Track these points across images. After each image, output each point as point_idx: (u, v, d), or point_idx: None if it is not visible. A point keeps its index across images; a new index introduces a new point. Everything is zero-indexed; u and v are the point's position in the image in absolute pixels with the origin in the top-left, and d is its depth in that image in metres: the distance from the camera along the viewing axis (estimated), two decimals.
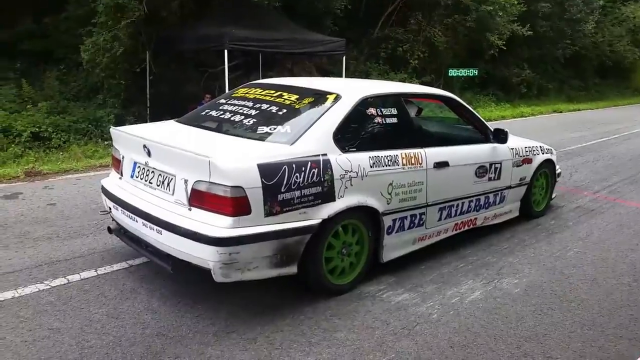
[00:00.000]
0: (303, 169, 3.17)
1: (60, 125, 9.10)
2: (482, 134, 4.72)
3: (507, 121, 15.35)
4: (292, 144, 3.28)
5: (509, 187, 4.90)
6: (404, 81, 16.23)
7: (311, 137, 3.36)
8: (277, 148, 3.24)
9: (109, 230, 3.82)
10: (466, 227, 4.56)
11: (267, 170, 3.03)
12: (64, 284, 3.54)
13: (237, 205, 2.95)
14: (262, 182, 3.00)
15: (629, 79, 30.60)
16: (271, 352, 2.82)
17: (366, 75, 16.20)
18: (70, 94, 10.64)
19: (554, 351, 2.95)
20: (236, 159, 3.06)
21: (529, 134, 12.23)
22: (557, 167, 5.71)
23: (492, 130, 4.74)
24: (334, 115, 3.54)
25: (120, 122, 10.18)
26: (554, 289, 3.76)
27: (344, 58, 11.96)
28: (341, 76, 12.15)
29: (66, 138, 8.95)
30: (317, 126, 3.44)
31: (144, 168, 3.50)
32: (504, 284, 3.81)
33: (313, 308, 3.30)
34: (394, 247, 3.86)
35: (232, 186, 2.93)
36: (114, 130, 3.87)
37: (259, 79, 13.34)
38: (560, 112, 18.91)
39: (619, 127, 14.20)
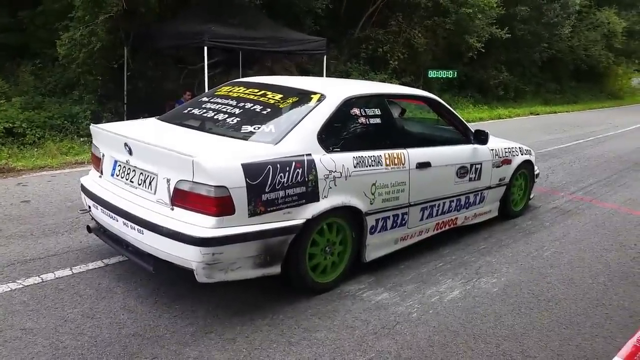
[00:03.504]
0: (287, 169, 3.15)
1: (35, 121, 8.91)
2: (463, 135, 4.77)
3: (484, 123, 15.54)
4: (276, 144, 3.25)
5: (489, 188, 4.96)
6: (384, 82, 16.27)
7: (295, 137, 3.33)
8: (261, 148, 3.21)
9: (88, 229, 3.72)
10: (447, 227, 4.59)
11: (252, 170, 3.00)
12: (38, 283, 3.45)
13: (221, 205, 2.90)
14: (246, 182, 2.96)
15: (603, 83, 31.31)
16: (250, 353, 2.78)
17: (347, 75, 16.22)
18: (46, 89, 10.42)
19: (532, 350, 2.98)
20: (220, 159, 3.02)
21: (506, 136, 12.39)
22: (536, 167, 5.82)
23: (473, 131, 4.80)
24: (318, 115, 3.52)
25: (96, 119, 10.00)
26: (532, 288, 3.80)
27: (325, 58, 11.95)
28: (322, 76, 12.15)
29: (41, 134, 8.76)
30: (302, 126, 3.41)
31: (124, 166, 3.42)
32: (482, 283, 3.84)
33: (293, 308, 3.28)
34: (377, 246, 3.87)
35: (216, 186, 2.89)
36: (94, 128, 3.78)
37: (239, 76, 13.30)
38: (537, 114, 19.23)
39: (594, 129, 14.50)
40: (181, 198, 3.00)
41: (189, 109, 4.02)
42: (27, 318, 3.01)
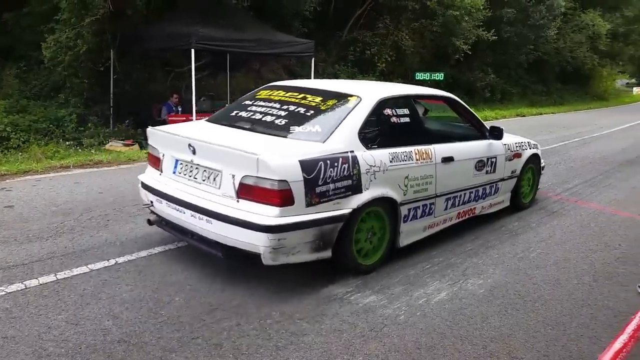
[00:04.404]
0: (335, 164, 3.54)
1: (20, 125, 8.83)
2: (479, 132, 5.16)
3: None
4: (324, 142, 3.64)
5: (502, 179, 5.34)
6: None
7: (340, 136, 3.72)
8: (312, 146, 3.59)
9: (149, 222, 4.08)
10: (467, 216, 4.98)
11: (307, 166, 3.38)
12: (21, 290, 3.40)
13: (283, 196, 3.29)
14: (303, 176, 3.35)
15: (588, 85, 31.70)
16: (237, 358, 2.76)
17: (335, 77, 16.26)
18: (31, 92, 10.33)
19: (518, 351, 2.99)
20: (281, 156, 3.38)
21: None
22: (542, 160, 6.19)
23: (488, 128, 5.20)
24: (357, 115, 3.89)
25: (82, 122, 9.95)
26: (518, 289, 3.82)
27: (313, 60, 11.96)
28: (309, 78, 12.15)
29: (26, 138, 8.68)
30: (344, 126, 3.79)
31: (188, 165, 3.77)
32: (469, 284, 3.85)
33: (280, 312, 3.26)
34: (409, 234, 4.25)
35: (278, 180, 3.27)
36: (152, 130, 4.16)
37: (226, 79, 13.29)
38: (523, 116, 19.40)
39: (580, 131, 14.65)
40: (246, 191, 3.38)
41: (235, 111, 4.37)
42: (10, 326, 2.96)
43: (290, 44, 11.56)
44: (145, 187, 4.10)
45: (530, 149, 5.81)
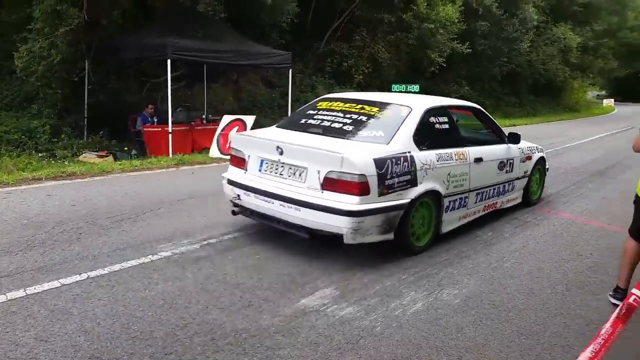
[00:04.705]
0: (398, 162, 4.29)
1: None
2: (499, 137, 5.94)
3: None
4: (388, 144, 4.38)
5: (518, 178, 6.20)
6: None
7: (399, 139, 4.47)
8: (380, 147, 4.32)
9: (233, 212, 4.86)
10: (490, 210, 5.77)
11: (379, 163, 4.13)
12: None
13: (362, 188, 4.01)
14: (377, 171, 4.09)
15: (560, 96, 32.46)
16: None
17: (312, 88, 16.34)
18: (2, 103, 10.13)
19: None
20: (359, 155, 4.10)
21: None
22: (546, 163, 7.07)
23: (507, 134, 6.00)
24: (411, 122, 4.66)
25: (56, 133, 9.79)
26: (493, 299, 3.86)
27: (290, 71, 12.00)
28: (287, 89, 12.20)
29: None
30: (402, 130, 4.55)
31: (274, 164, 4.48)
32: (444, 295, 3.88)
33: (256, 326, 3.23)
34: (449, 222, 5.02)
35: (359, 174, 4.00)
36: (237, 135, 5.26)
37: (203, 90, 13.24)
38: None
39: (552, 142, 14.95)
40: (330, 184, 4.09)
41: (304, 119, 5.08)
42: None
43: (267, 55, 11.60)
44: (232, 183, 4.80)
45: (538, 152, 6.68)
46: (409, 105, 4.88)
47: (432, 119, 4.96)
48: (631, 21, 39.00)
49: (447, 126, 5.15)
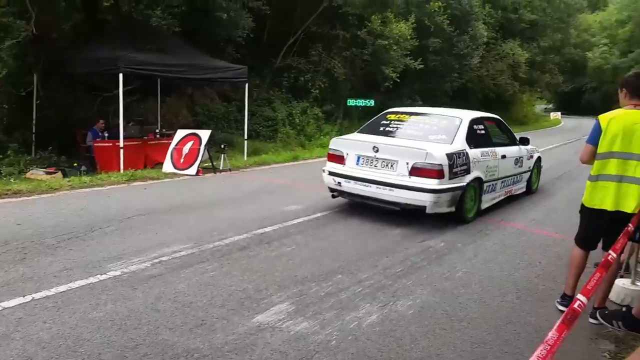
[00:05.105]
0: (459, 156, 6.16)
1: None
2: (512, 140, 7.82)
3: None
4: (451, 144, 6.24)
5: (525, 172, 8.12)
6: (306, 109, 16.80)
7: (458, 140, 6.36)
8: (446, 146, 6.17)
9: (333, 196, 6.83)
10: (507, 195, 7.60)
11: (449, 156, 5.98)
12: None
13: (439, 173, 5.86)
14: (448, 162, 5.92)
15: (510, 110, 33.56)
16: None
17: (269, 103, 16.34)
18: None
19: None
20: (438, 151, 5.97)
21: None
22: (542, 161, 8.99)
23: (519, 138, 7.93)
24: (463, 128, 6.55)
25: (1, 150, 9.43)
26: (445, 309, 3.92)
27: (247, 85, 11.98)
28: (244, 103, 12.16)
29: None
30: (458, 134, 6.43)
31: (369, 159, 6.29)
32: (398, 306, 3.91)
33: (209, 345, 3.16)
34: (485, 202, 6.91)
35: (438, 164, 5.86)
36: (337, 138, 7.05)
37: (157, 103, 13.03)
38: None
39: None
40: (416, 172, 5.93)
41: (381, 127, 6.92)
42: None
43: (223, 69, 11.54)
44: (332, 174, 6.60)
45: (537, 153, 8.65)
46: (459, 117, 6.84)
47: (475, 127, 6.86)
48: (574, 38, 40.92)
49: (483, 132, 7.09)
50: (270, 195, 7.78)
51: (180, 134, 9.98)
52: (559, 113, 40.74)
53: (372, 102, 14.06)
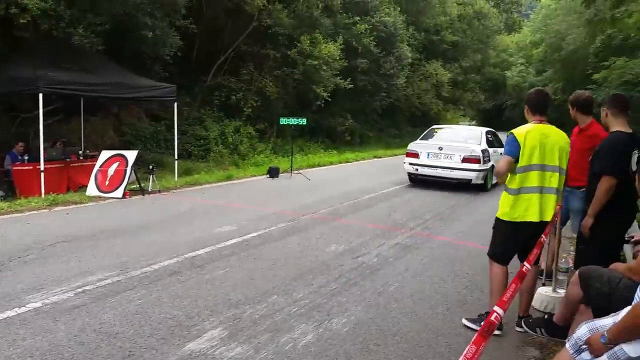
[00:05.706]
0: (485, 152, 11.29)
1: None
2: (501, 143, 11.53)
3: (334, 166, 16.37)
4: (479, 144, 11.44)
5: None
6: (239, 128, 16.72)
7: (483, 142, 11.62)
8: (477, 146, 11.36)
9: (411, 179, 12.06)
10: None
11: (482, 151, 11.18)
12: None
13: (478, 160, 11.04)
14: (482, 155, 11.11)
15: None
16: None
17: (200, 121, 16.09)
18: None
19: None
20: (478, 148, 11.24)
21: (354, 178, 13.12)
22: None
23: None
24: (484, 135, 11.94)
25: None
26: (379, 324, 3.97)
27: (176, 104, 11.74)
28: (173, 122, 11.90)
29: None
30: (482, 139, 11.73)
31: (435, 154, 11.32)
32: (333, 324, 3.92)
33: None
34: (493, 180, 11.52)
35: (477, 155, 11.04)
36: (414, 143, 12.12)
37: (80, 123, 12.48)
38: (380, 157, 20.74)
39: None
40: (466, 160, 11.03)
41: (433, 136, 12.53)
42: None
43: (150, 88, 11.26)
44: (412, 164, 11.61)
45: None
46: (480, 129, 12.60)
47: (488, 135, 12.14)
48: (493, 58, 43.31)
49: (492, 138, 12.36)
50: (203, 217, 7.62)
51: (105, 155, 9.59)
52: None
53: (304, 121, 14.15)
